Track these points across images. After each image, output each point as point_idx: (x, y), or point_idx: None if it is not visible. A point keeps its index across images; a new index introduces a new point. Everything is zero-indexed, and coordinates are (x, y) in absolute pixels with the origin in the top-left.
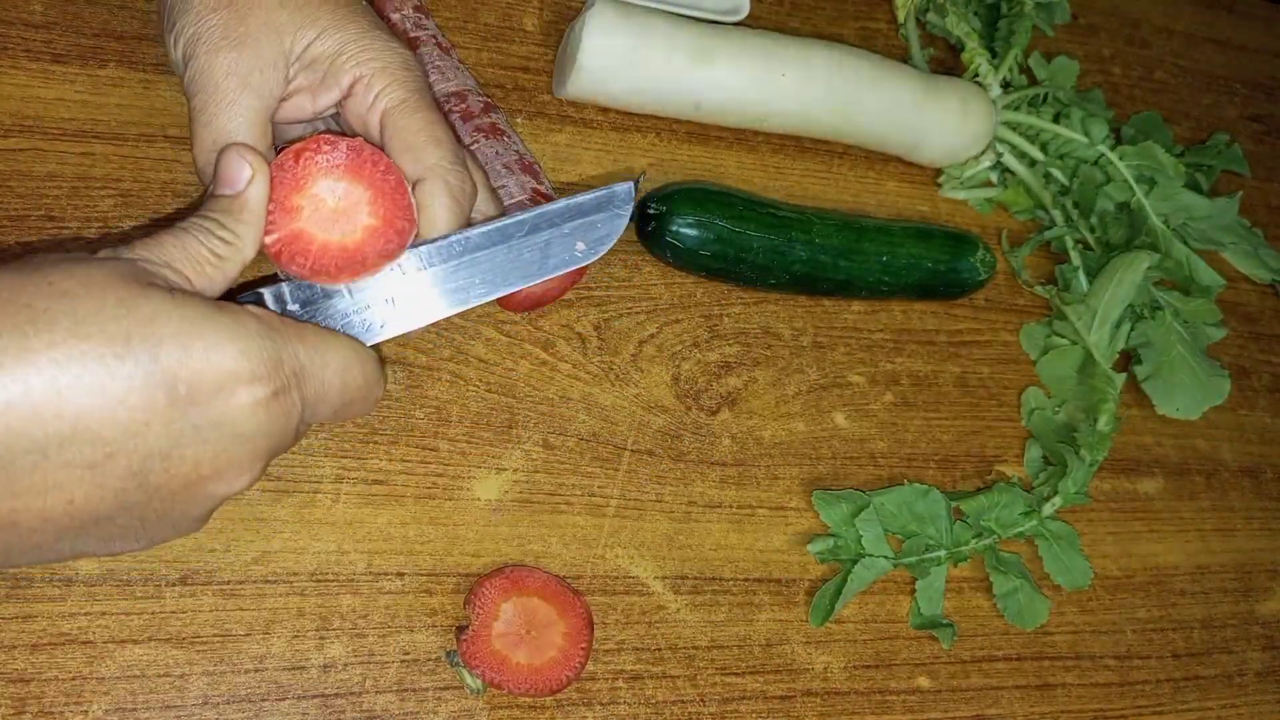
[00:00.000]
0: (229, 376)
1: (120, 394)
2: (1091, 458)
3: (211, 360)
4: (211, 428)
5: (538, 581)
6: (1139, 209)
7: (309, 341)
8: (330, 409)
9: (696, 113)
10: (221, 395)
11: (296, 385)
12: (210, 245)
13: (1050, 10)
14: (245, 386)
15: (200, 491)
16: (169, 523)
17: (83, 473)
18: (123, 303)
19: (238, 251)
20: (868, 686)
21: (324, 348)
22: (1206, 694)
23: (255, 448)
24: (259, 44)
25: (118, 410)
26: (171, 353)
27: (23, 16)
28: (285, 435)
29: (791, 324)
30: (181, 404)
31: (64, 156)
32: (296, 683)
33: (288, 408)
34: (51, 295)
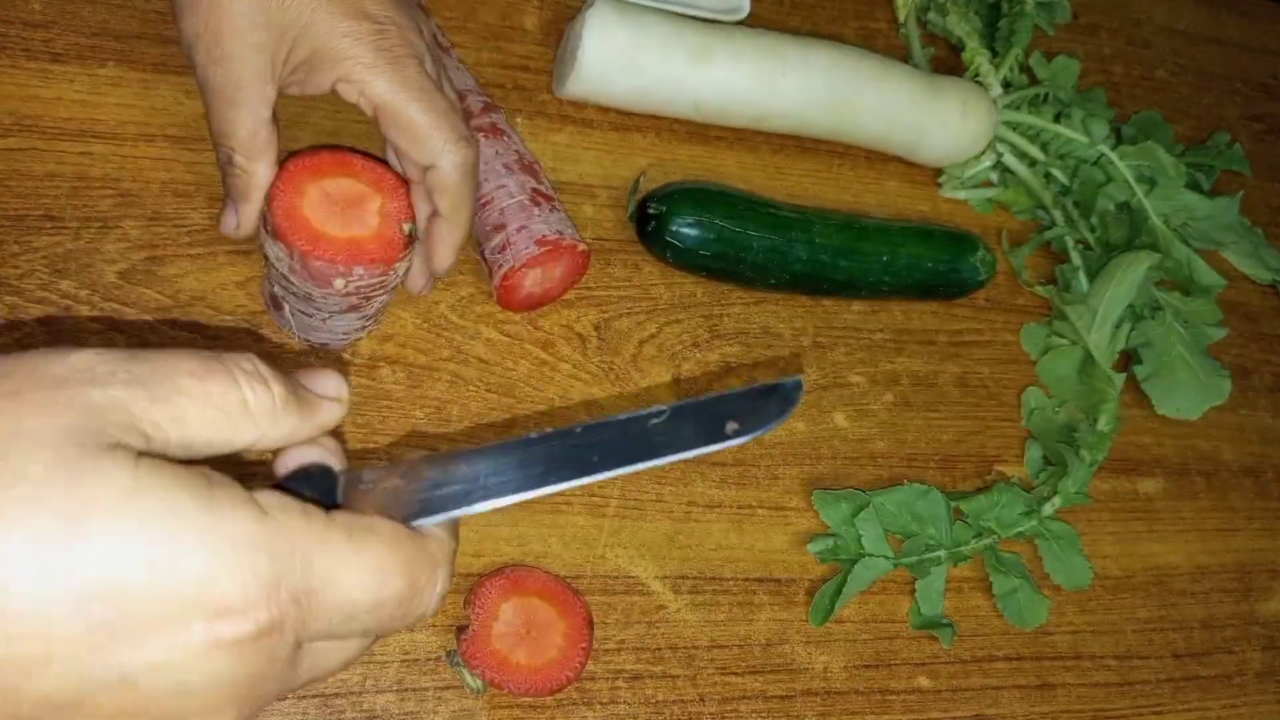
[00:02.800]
0: (183, 603)
1: (15, 614)
2: (1091, 458)
3: (158, 575)
4: (145, 673)
5: (538, 581)
6: (1139, 209)
7: (332, 546)
8: (358, 631)
9: (696, 113)
10: (165, 628)
11: (296, 617)
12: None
13: (1051, 10)
14: (205, 620)
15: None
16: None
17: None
18: (53, 480)
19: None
20: (868, 686)
21: (354, 553)
22: (1206, 694)
23: (213, 701)
24: (241, 63)
25: (5, 626)
26: (98, 556)
27: (21, 15)
28: (268, 680)
29: (792, 324)
30: (100, 635)
31: (63, 156)
32: None
33: (272, 648)
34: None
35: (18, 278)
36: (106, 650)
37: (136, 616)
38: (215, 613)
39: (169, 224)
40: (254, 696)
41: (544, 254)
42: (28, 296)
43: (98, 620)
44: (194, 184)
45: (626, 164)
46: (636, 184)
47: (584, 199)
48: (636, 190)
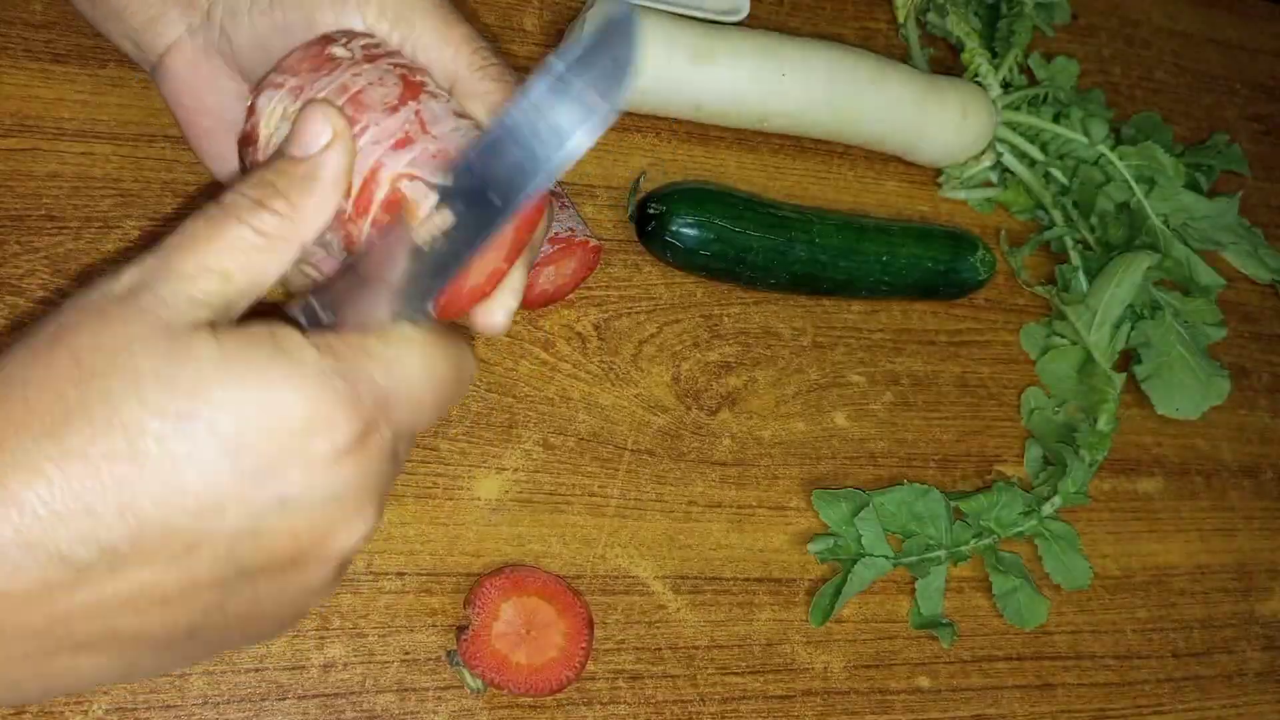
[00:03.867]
0: (301, 433)
1: (180, 482)
2: (1091, 458)
3: (274, 419)
4: (297, 495)
5: (538, 581)
6: (1139, 209)
7: (381, 357)
8: (430, 414)
9: (696, 113)
10: (297, 456)
11: (383, 415)
12: (259, 224)
13: (1050, 10)
14: (324, 439)
15: (312, 558)
16: (291, 598)
17: (167, 568)
18: (158, 375)
19: (292, 227)
20: (868, 686)
21: (400, 357)
22: (1206, 694)
23: (356, 499)
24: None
25: (184, 500)
26: (226, 422)
27: (23, 16)
28: (383, 472)
29: (791, 324)
30: (253, 477)
31: (64, 156)
32: (296, 683)
33: (378, 444)
34: (81, 379)
35: (19, 277)
36: (261, 486)
37: (271, 454)
38: (326, 430)
39: (170, 224)
40: (381, 486)
41: (557, 251)
42: (29, 296)
43: (246, 467)
44: (194, 184)
45: (626, 164)
46: (636, 184)
47: (584, 199)
48: (636, 190)
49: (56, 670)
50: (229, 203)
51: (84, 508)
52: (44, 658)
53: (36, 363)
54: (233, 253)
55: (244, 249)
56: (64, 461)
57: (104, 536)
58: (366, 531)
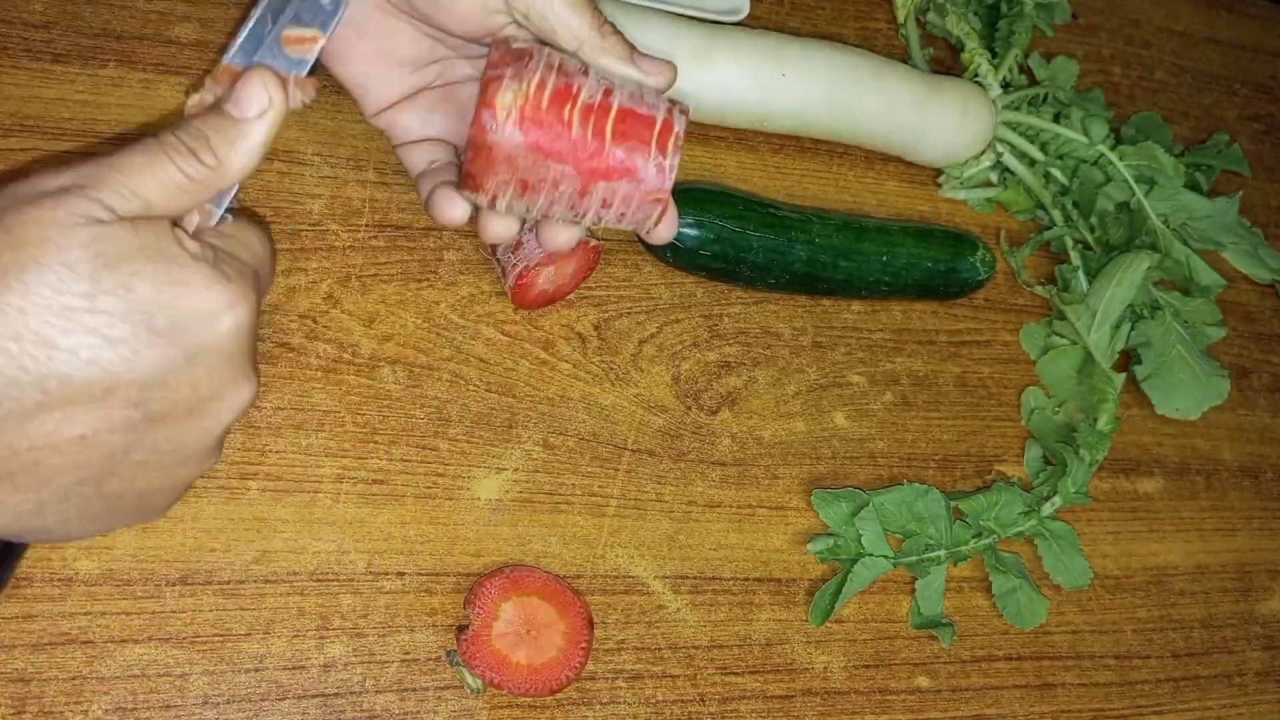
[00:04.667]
0: (205, 307)
1: (103, 330)
2: (1091, 458)
3: (185, 295)
4: (202, 354)
5: (538, 581)
6: (1139, 209)
7: (241, 243)
8: (271, 276)
9: (696, 113)
10: (203, 325)
11: (255, 284)
12: (187, 167)
13: (1050, 10)
14: (227, 313)
15: (207, 413)
16: (186, 455)
17: (86, 408)
18: (86, 246)
19: (215, 176)
20: (868, 686)
21: (245, 237)
22: (1206, 694)
23: (244, 362)
24: None
25: (105, 350)
26: (143, 288)
27: (23, 16)
28: (256, 335)
29: (791, 324)
30: (165, 335)
31: (64, 157)
32: (296, 682)
33: (254, 311)
34: (14, 245)
35: None
36: (173, 342)
37: (181, 318)
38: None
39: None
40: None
41: None
42: None
43: (160, 326)
44: None
45: None
46: None
47: None
48: None
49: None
50: (166, 142)
51: (17, 349)
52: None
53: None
54: (158, 186)
55: (168, 185)
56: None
57: (34, 375)
58: (252, 394)
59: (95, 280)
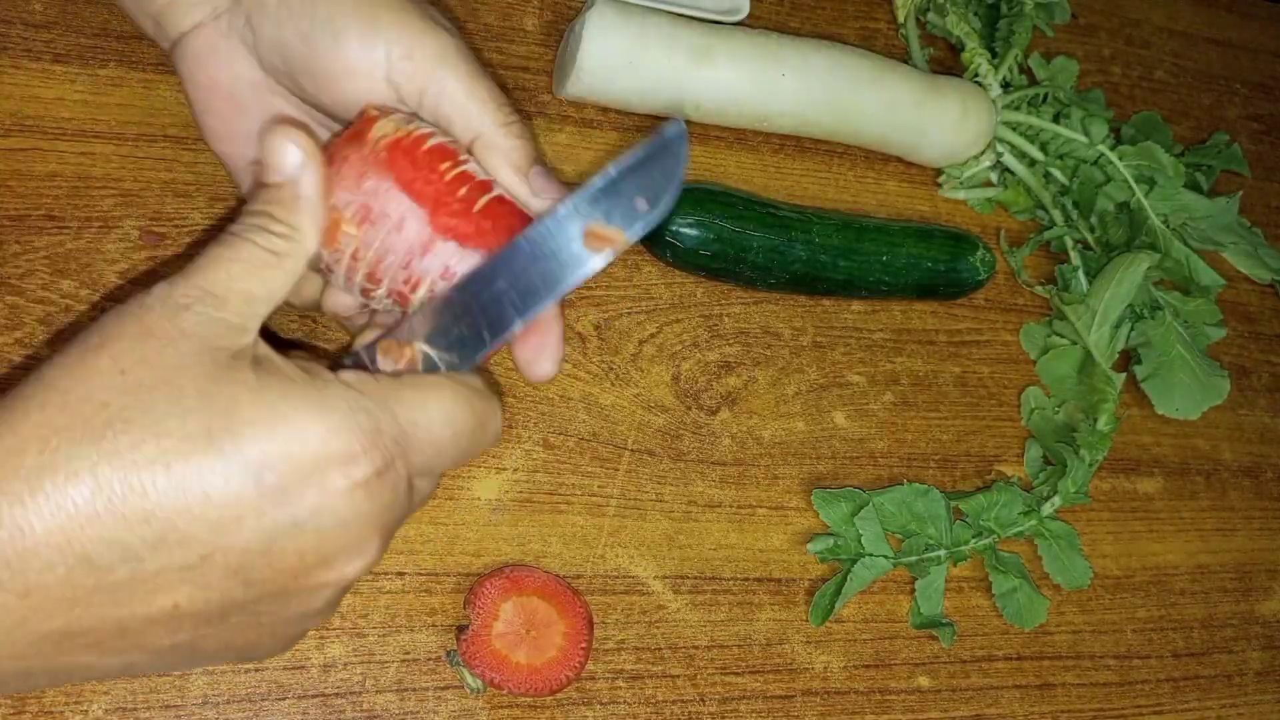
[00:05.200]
0: (319, 460)
1: (206, 492)
2: (1091, 457)
3: (298, 445)
4: (310, 517)
5: (538, 581)
6: (1139, 209)
7: (405, 400)
8: (448, 460)
9: (696, 113)
10: (314, 481)
11: (400, 454)
12: (266, 244)
13: (1050, 10)
14: (339, 469)
15: (313, 582)
16: (290, 619)
17: (181, 574)
18: (201, 393)
19: (297, 245)
20: (868, 686)
21: (424, 401)
22: (1206, 694)
23: (362, 530)
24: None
25: (206, 509)
26: (256, 442)
27: (23, 16)
28: (395, 507)
29: (791, 324)
30: (272, 496)
31: (64, 156)
32: (296, 682)
33: (393, 481)
34: (125, 389)
35: (19, 277)
36: (278, 505)
37: (291, 476)
38: (344, 462)
39: (170, 224)
40: (390, 522)
41: None
42: (29, 296)
43: (268, 486)
44: (194, 184)
45: None
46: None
47: None
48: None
49: (65, 665)
50: (239, 229)
51: (113, 512)
52: (58, 654)
53: (79, 370)
54: (251, 274)
55: (259, 268)
56: (99, 466)
57: (128, 541)
58: (368, 563)
59: (207, 435)
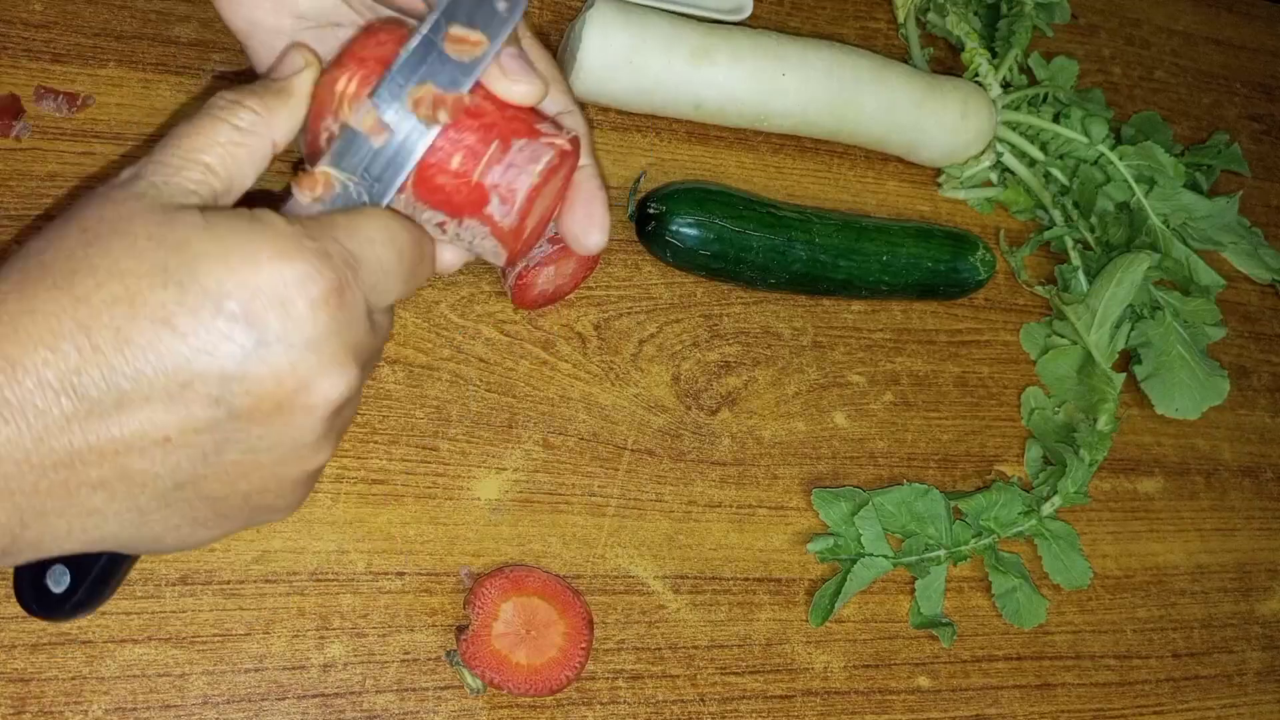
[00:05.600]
0: (277, 285)
1: (171, 323)
2: (1091, 457)
3: (252, 273)
4: (277, 340)
5: (538, 581)
6: (1139, 209)
7: (343, 225)
8: (398, 282)
9: (696, 113)
10: (274, 305)
11: (352, 274)
12: (234, 119)
13: (1050, 10)
14: (296, 289)
15: (297, 405)
16: (287, 452)
17: (165, 405)
18: (151, 236)
19: (265, 125)
20: (868, 686)
21: (360, 225)
22: (1206, 694)
23: (334, 349)
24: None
25: (174, 340)
26: (211, 272)
27: (22, 16)
28: (360, 328)
29: (791, 324)
30: (237, 321)
31: (64, 156)
32: (296, 682)
33: (351, 300)
34: (86, 242)
35: None
36: (244, 331)
37: (251, 302)
38: (300, 283)
39: None
40: (359, 346)
41: (557, 251)
42: None
43: (230, 313)
44: None
45: (626, 164)
46: (636, 184)
47: None
48: (636, 190)
49: (77, 507)
50: (210, 104)
51: (91, 347)
52: (67, 492)
53: (51, 235)
54: (212, 147)
55: (222, 143)
56: (73, 307)
57: (108, 373)
58: (349, 384)
59: (163, 269)
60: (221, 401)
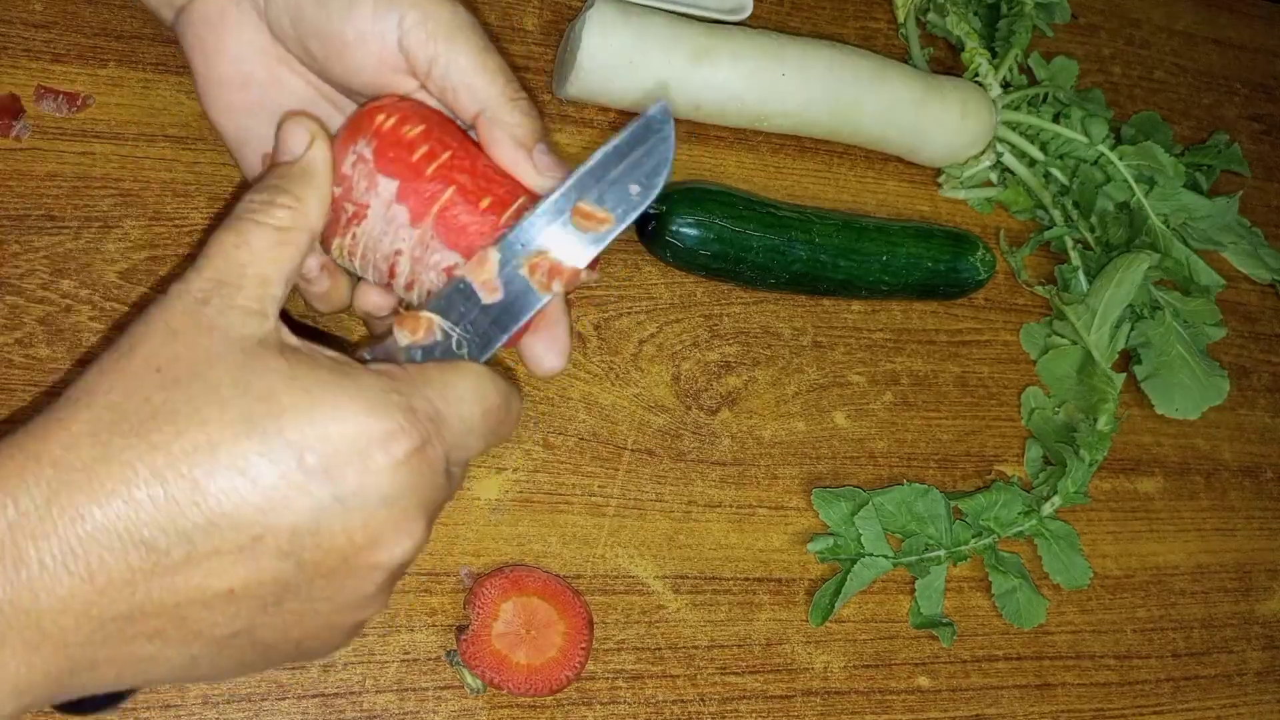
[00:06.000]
0: (360, 440)
1: (251, 476)
2: (1091, 457)
3: (337, 426)
4: (354, 495)
5: (538, 581)
6: (1139, 209)
7: (434, 381)
8: (480, 440)
9: (696, 113)
10: (355, 460)
11: (436, 432)
12: (272, 220)
13: (1050, 10)
14: (379, 447)
15: (363, 562)
16: (344, 605)
17: (235, 557)
18: (236, 382)
19: (303, 218)
20: (868, 686)
21: (452, 382)
22: (1206, 694)
23: (406, 508)
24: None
25: (252, 492)
26: (295, 425)
27: (22, 15)
28: (436, 486)
29: (791, 324)
30: (316, 476)
31: (64, 156)
32: (296, 682)
33: (432, 458)
34: (163, 385)
35: (18, 277)
36: (322, 485)
37: (333, 457)
38: (384, 440)
39: (169, 224)
40: (431, 502)
41: None
42: (29, 296)
43: (311, 467)
44: (194, 184)
45: None
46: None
47: None
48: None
49: (130, 656)
50: (243, 211)
51: (166, 498)
52: (122, 643)
53: (116, 374)
54: (261, 256)
55: (268, 248)
56: (150, 456)
57: (181, 524)
58: (416, 543)
59: (248, 420)
60: (291, 555)
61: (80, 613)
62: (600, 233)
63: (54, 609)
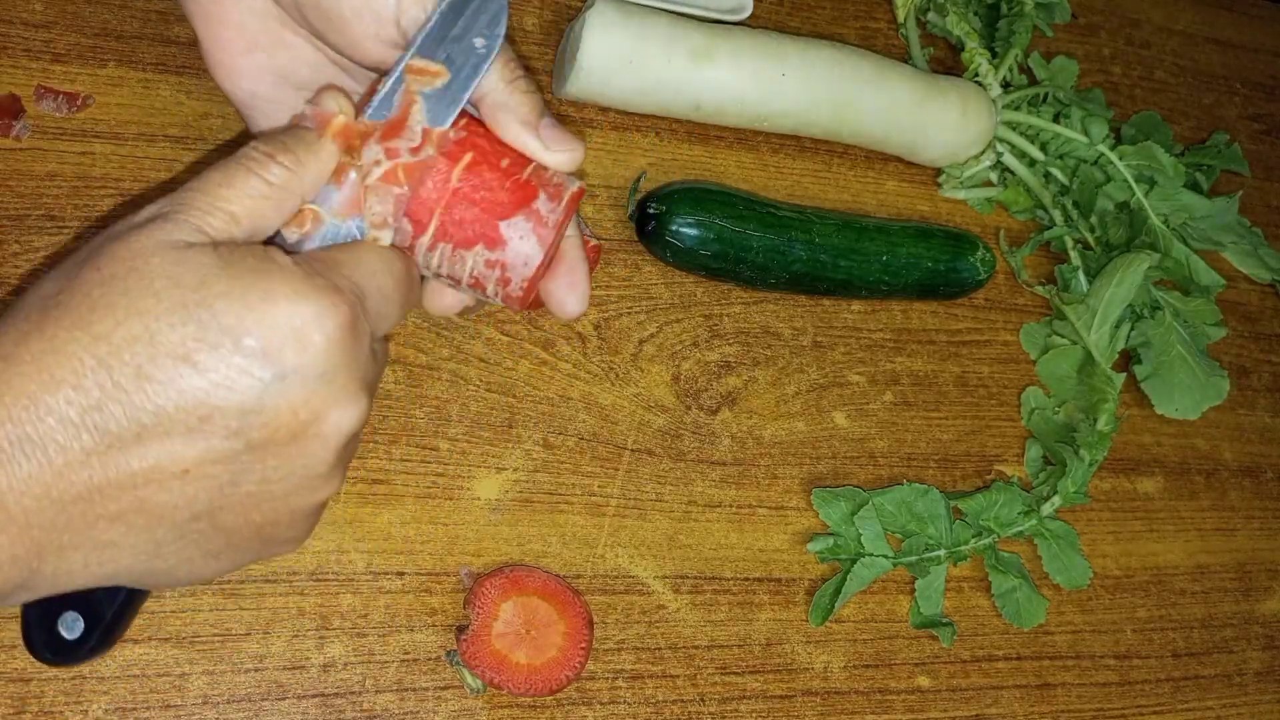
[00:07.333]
0: (294, 320)
1: (192, 359)
2: (1091, 457)
3: (270, 309)
4: (295, 373)
5: (538, 581)
6: (1139, 209)
7: (346, 261)
8: (396, 308)
9: (696, 113)
10: (292, 340)
11: (360, 305)
12: (265, 174)
13: (1050, 10)
14: (314, 325)
15: (311, 438)
16: (300, 483)
17: (185, 439)
18: (168, 275)
19: (296, 180)
20: (868, 686)
21: (362, 259)
22: (1206, 693)
23: (346, 381)
24: None
25: (194, 375)
26: (230, 310)
27: (22, 15)
28: (364, 359)
29: (791, 324)
30: (256, 357)
31: (64, 156)
32: (296, 682)
33: (360, 332)
34: (103, 281)
35: (18, 277)
36: (263, 366)
37: (269, 338)
38: (315, 318)
39: None
40: (367, 376)
41: None
42: None
43: (250, 349)
44: None
45: (626, 164)
46: (636, 184)
47: (584, 199)
48: (636, 190)
49: (95, 540)
50: (242, 155)
51: (113, 384)
52: (85, 525)
53: (67, 276)
54: (241, 198)
55: (251, 196)
56: (94, 346)
57: (129, 409)
58: (359, 414)
59: (182, 307)
60: (240, 434)
61: (40, 495)
62: (438, 86)
63: (15, 489)
